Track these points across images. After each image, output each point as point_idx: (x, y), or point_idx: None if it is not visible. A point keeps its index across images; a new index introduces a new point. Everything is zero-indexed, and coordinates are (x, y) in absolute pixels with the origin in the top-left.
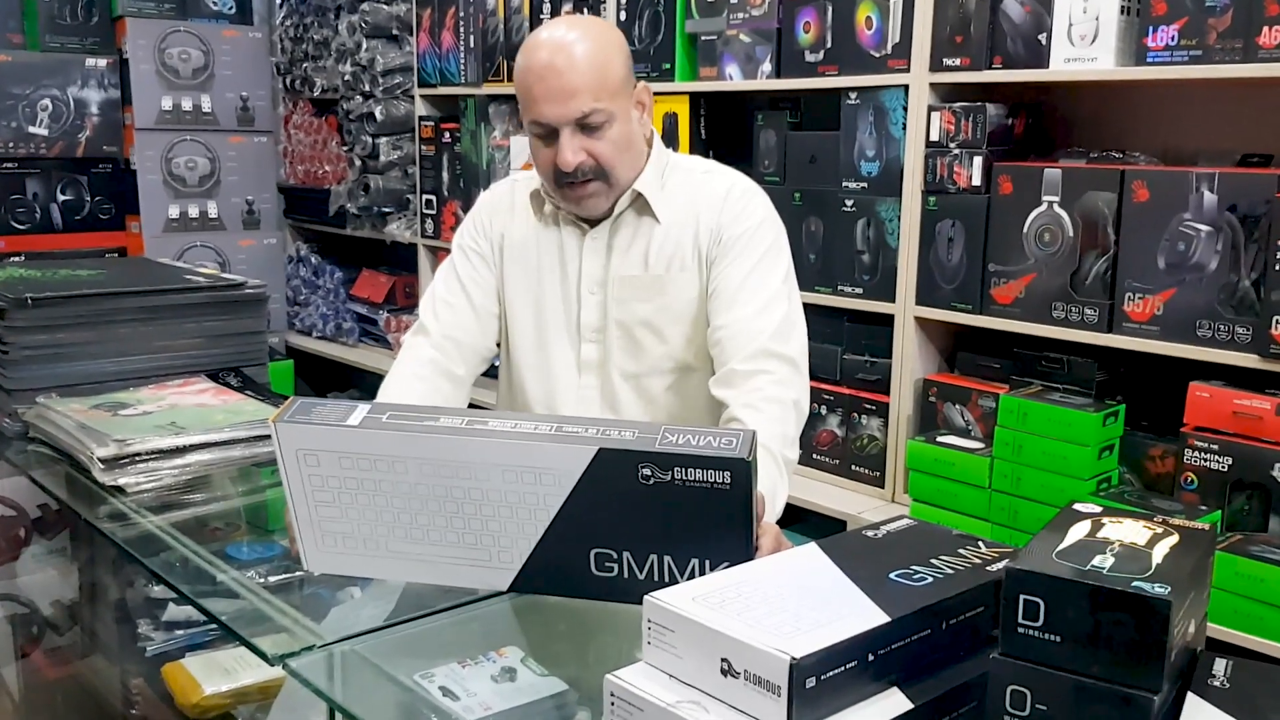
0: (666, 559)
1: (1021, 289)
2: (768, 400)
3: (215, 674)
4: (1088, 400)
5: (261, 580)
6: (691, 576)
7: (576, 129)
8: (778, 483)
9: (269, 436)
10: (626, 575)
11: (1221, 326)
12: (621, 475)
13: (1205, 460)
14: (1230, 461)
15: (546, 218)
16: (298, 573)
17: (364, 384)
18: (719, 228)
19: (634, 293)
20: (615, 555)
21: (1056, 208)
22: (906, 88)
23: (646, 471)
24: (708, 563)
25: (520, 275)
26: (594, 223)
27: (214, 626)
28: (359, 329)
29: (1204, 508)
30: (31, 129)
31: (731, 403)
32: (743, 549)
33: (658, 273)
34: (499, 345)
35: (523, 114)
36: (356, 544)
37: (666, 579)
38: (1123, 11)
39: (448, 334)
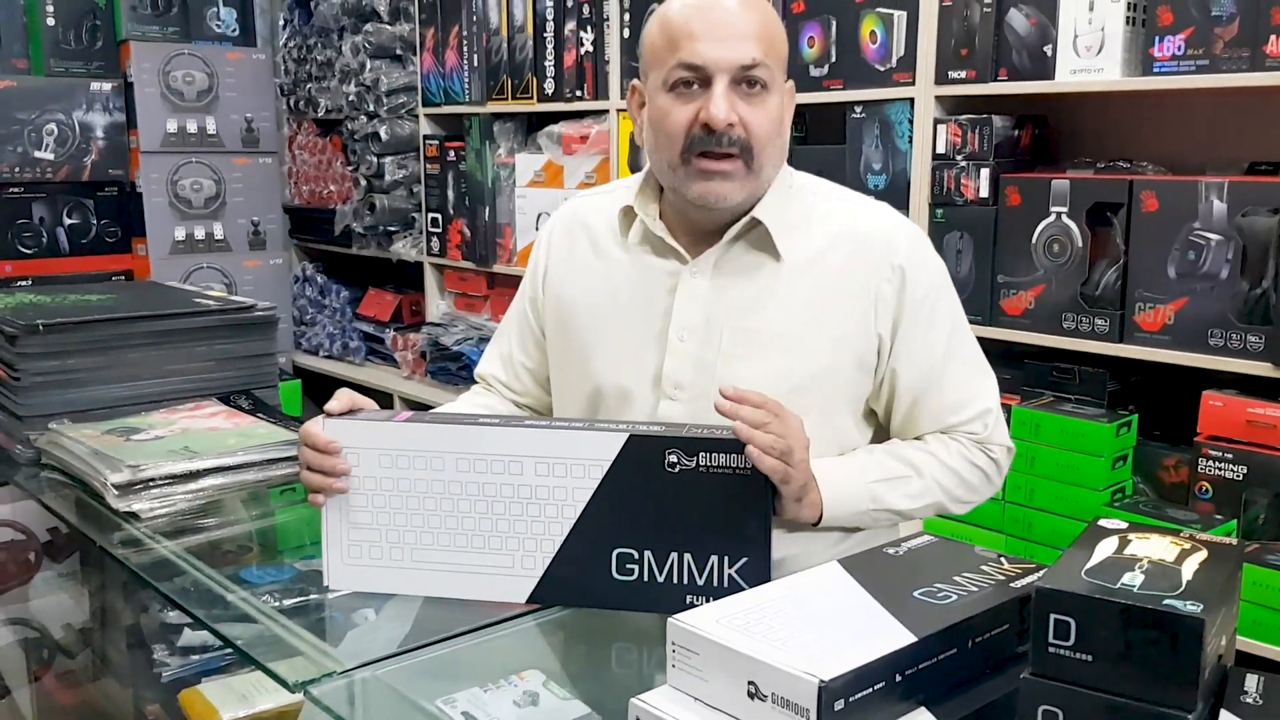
0: (687, 557)
1: (1031, 300)
2: (964, 459)
3: (232, 700)
4: (1100, 411)
5: (277, 604)
6: (710, 576)
7: (732, 86)
8: (882, 478)
9: (282, 460)
10: (647, 578)
11: (1234, 335)
12: (649, 463)
13: (1220, 469)
14: (1245, 470)
15: (635, 239)
16: (313, 596)
17: None
18: (895, 290)
19: (748, 349)
20: (637, 555)
21: (1065, 218)
22: (912, 101)
23: (673, 459)
24: (727, 558)
25: (587, 314)
26: (699, 248)
27: (230, 651)
28: (365, 348)
29: (1219, 517)
30: (37, 153)
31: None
32: (762, 540)
33: (782, 327)
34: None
35: (662, 60)
36: (381, 555)
37: (686, 580)
38: (1128, 22)
39: (491, 388)
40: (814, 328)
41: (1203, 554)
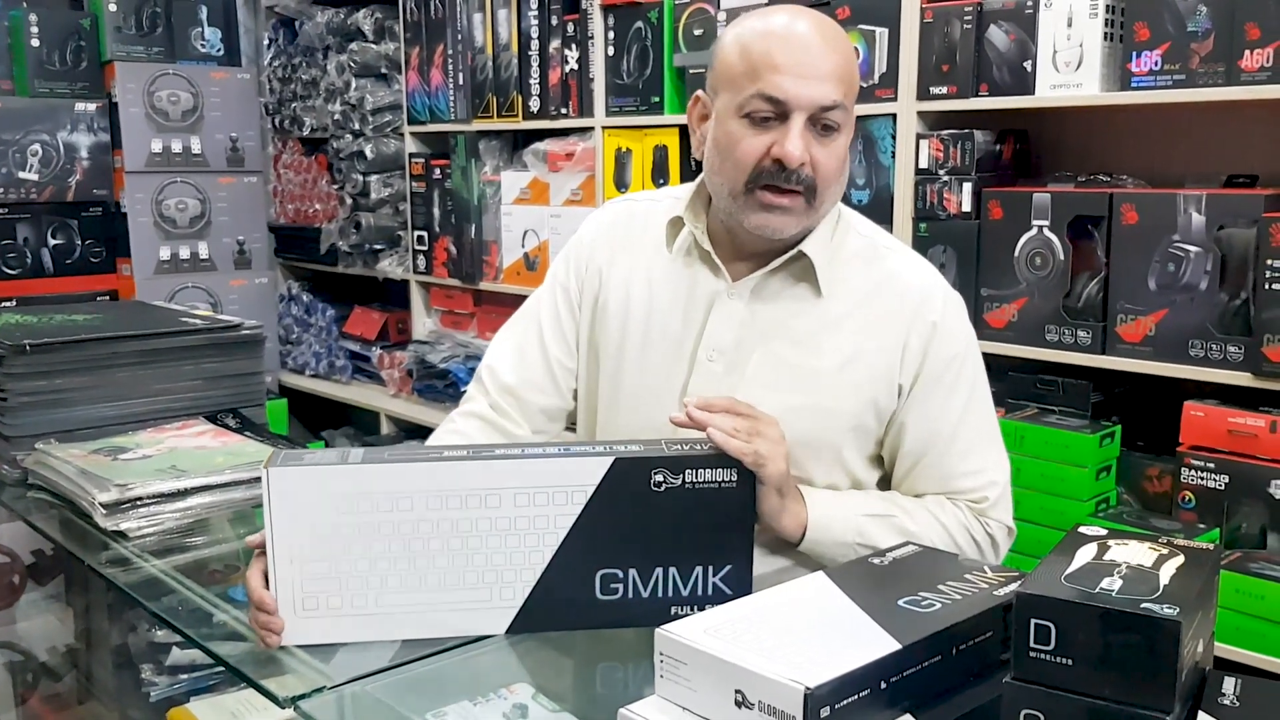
0: (671, 570)
1: (1014, 312)
2: (959, 523)
3: (222, 718)
4: (1084, 422)
5: None
6: (695, 586)
7: (807, 124)
8: (872, 514)
9: None
10: (631, 595)
11: (1214, 346)
12: (635, 485)
13: (1202, 479)
14: (1227, 480)
15: (680, 251)
16: None
17: (358, 422)
18: (923, 344)
19: (773, 378)
20: (621, 574)
21: (1046, 231)
22: (894, 116)
23: (659, 478)
24: (710, 568)
25: (618, 320)
26: (741, 269)
27: (219, 670)
28: (352, 366)
29: (1202, 526)
30: (22, 174)
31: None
32: (745, 548)
33: (811, 363)
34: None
35: (739, 85)
36: (341, 603)
37: (671, 594)
38: (1106, 38)
39: (507, 387)
40: (843, 369)
41: (1180, 559)
